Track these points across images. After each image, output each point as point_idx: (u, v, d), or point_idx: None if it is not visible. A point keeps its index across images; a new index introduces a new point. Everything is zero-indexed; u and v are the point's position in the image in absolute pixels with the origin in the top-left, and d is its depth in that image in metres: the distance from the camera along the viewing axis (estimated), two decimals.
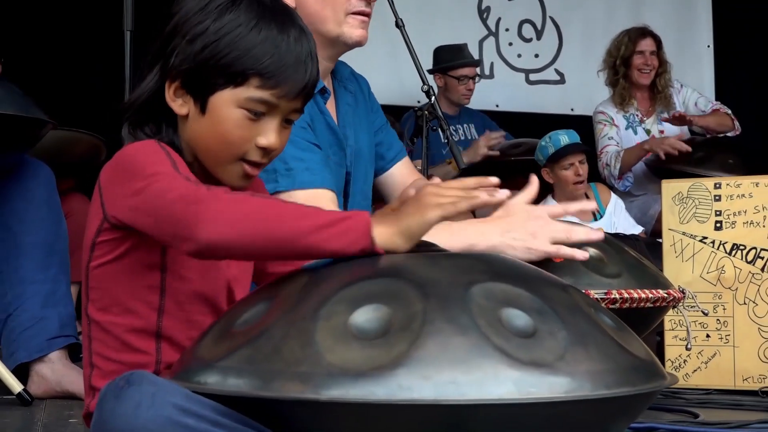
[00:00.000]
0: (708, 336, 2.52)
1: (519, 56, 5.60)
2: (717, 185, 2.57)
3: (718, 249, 2.54)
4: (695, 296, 2.30)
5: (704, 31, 5.84)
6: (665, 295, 1.96)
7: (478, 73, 4.90)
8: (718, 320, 2.51)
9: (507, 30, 5.59)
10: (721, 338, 2.51)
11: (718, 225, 2.55)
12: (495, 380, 1.08)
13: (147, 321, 1.41)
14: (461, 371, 1.08)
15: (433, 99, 3.13)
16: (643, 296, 1.91)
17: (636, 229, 4.07)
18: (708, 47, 5.83)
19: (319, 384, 1.09)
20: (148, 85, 1.45)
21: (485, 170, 4.19)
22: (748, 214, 2.52)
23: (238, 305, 1.30)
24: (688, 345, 2.27)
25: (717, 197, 2.56)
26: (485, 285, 1.19)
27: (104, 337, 1.43)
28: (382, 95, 2.50)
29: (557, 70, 5.64)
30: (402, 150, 2.33)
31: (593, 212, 4.09)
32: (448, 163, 4.19)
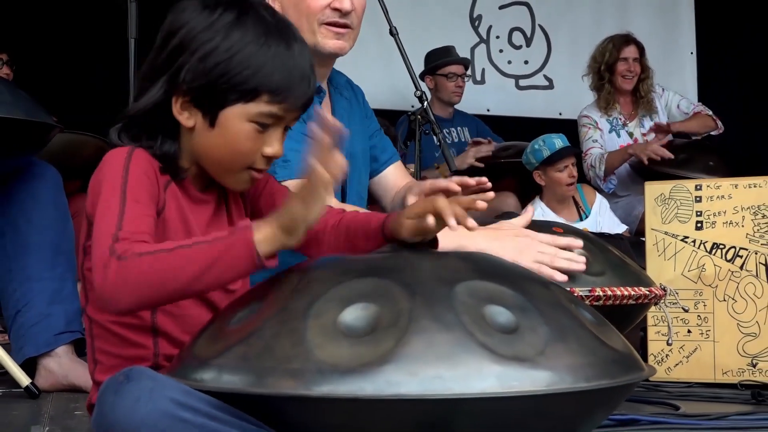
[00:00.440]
0: (689, 331, 2.51)
1: (509, 63, 5.62)
2: (698, 187, 2.56)
3: (699, 248, 2.53)
4: (677, 293, 2.32)
5: (688, 38, 5.87)
6: (647, 293, 1.99)
7: (468, 74, 4.90)
8: (699, 316, 2.50)
9: (498, 37, 5.61)
10: (702, 333, 2.50)
11: (699, 225, 2.54)
12: (479, 375, 1.10)
13: (142, 318, 1.44)
14: (446, 367, 1.10)
15: (426, 104, 3.13)
16: (626, 293, 1.95)
17: (620, 229, 4.07)
18: (691, 54, 5.86)
19: (310, 380, 1.11)
20: (153, 98, 1.43)
21: (475, 171, 4.23)
22: (728, 215, 2.52)
23: (233, 304, 1.34)
24: (669, 340, 2.30)
25: (698, 198, 2.55)
26: (469, 283, 1.21)
27: (104, 335, 1.47)
28: (377, 100, 2.52)
29: (546, 76, 5.67)
30: (395, 154, 2.37)
31: (579, 212, 4.09)
32: (436, 168, 4.19)
